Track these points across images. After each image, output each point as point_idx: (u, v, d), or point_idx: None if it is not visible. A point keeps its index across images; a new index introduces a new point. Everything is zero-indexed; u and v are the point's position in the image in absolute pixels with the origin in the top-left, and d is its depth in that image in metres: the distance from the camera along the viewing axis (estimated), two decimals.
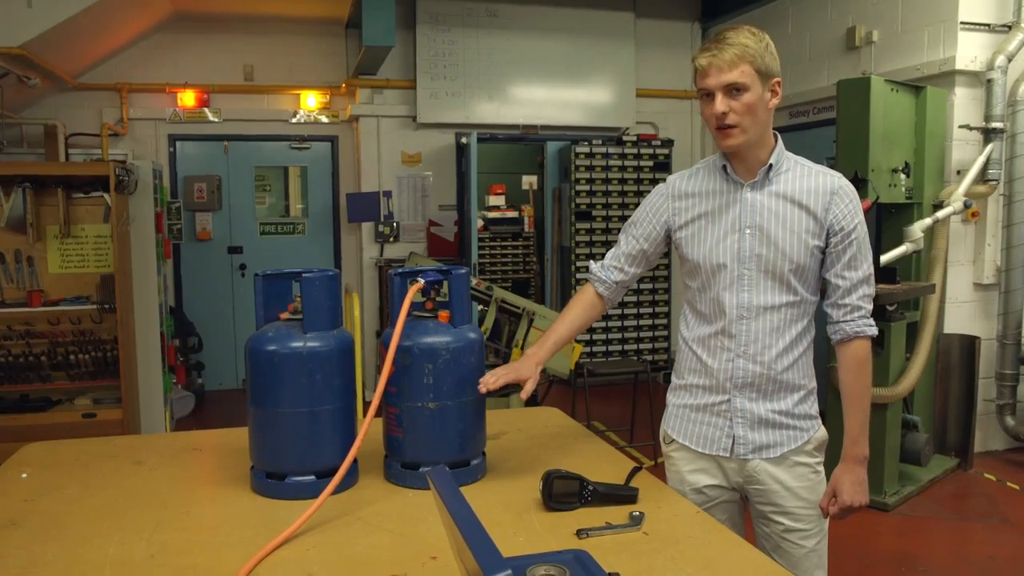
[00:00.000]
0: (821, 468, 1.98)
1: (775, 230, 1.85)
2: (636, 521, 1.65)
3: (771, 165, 1.86)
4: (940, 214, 4.71)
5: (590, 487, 1.74)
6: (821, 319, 1.96)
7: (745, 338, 1.88)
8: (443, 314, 1.90)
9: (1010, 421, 5.21)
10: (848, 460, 1.90)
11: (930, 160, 4.85)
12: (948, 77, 5.15)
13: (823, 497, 1.92)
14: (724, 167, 1.91)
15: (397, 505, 1.77)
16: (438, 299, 1.94)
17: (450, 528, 1.16)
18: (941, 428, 5.14)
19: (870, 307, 1.91)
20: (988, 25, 5.11)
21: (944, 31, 5.19)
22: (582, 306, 2.10)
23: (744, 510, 2.04)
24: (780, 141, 1.90)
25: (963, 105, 5.14)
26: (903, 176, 4.70)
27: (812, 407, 1.97)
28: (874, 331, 1.91)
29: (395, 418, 1.87)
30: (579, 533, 1.60)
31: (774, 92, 1.83)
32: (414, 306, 1.91)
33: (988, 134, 5.01)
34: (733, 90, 1.77)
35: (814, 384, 1.98)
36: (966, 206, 4.82)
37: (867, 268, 1.89)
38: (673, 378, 2.07)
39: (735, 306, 1.88)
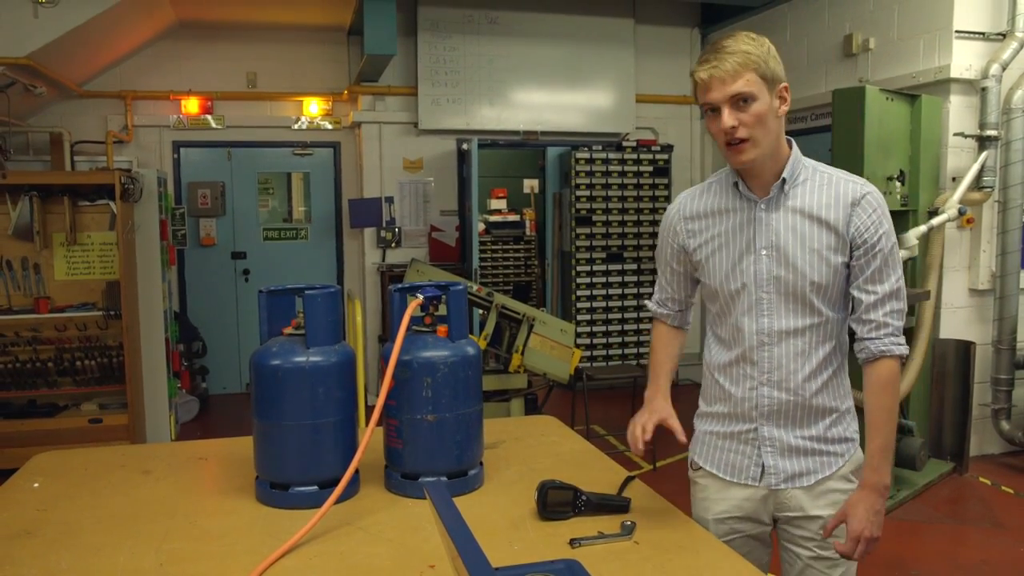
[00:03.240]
0: None
1: (794, 250, 1.74)
2: (627, 530, 1.70)
3: (784, 179, 1.75)
4: (935, 221, 4.77)
5: (583, 497, 1.80)
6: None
7: (768, 365, 1.78)
8: (441, 329, 1.96)
9: (1005, 425, 5.26)
10: (866, 487, 1.74)
11: (925, 168, 4.90)
12: (943, 85, 5.20)
13: (831, 519, 1.76)
14: (736, 184, 1.80)
15: (397, 515, 1.83)
16: (436, 314, 2.00)
17: (445, 540, 1.22)
18: (937, 433, 5.19)
19: (899, 323, 1.75)
20: (983, 34, 5.17)
21: (939, 39, 5.25)
22: (665, 338, 2.02)
23: (771, 544, 1.94)
24: (795, 149, 1.79)
25: (958, 113, 5.19)
26: (898, 184, 4.75)
27: (847, 429, 1.85)
28: (903, 350, 1.75)
29: (395, 430, 1.93)
30: (572, 542, 1.65)
31: (783, 98, 1.73)
32: (413, 320, 1.97)
33: (983, 142, 5.06)
34: (740, 101, 1.66)
35: (849, 404, 1.85)
36: (961, 213, 4.88)
37: (895, 281, 1.74)
38: (700, 403, 1.97)
39: (755, 332, 1.78)
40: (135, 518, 1.81)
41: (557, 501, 1.79)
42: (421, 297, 1.94)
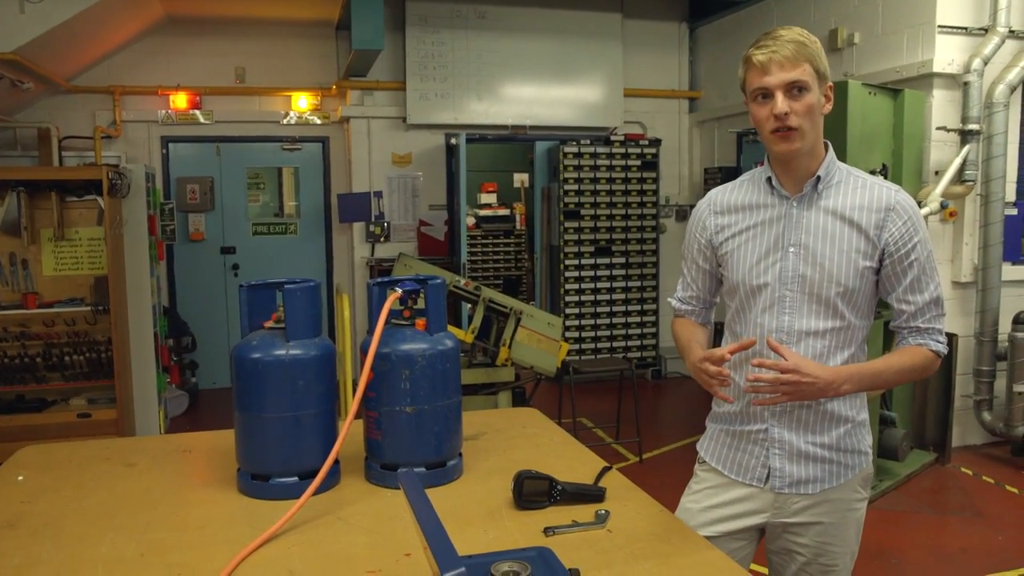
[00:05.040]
0: (862, 505, 1.86)
1: (822, 249, 1.72)
2: (601, 519, 1.74)
3: (819, 177, 1.74)
4: None
5: (559, 487, 1.83)
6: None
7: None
8: (420, 322, 1.99)
9: (987, 416, 5.32)
10: (836, 370, 1.68)
11: (908, 161, 4.94)
12: (926, 79, 5.25)
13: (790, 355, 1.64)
14: (769, 179, 1.79)
15: (375, 505, 1.86)
16: (415, 308, 2.03)
17: (417, 529, 1.25)
18: (920, 424, 5.25)
19: (941, 326, 1.77)
20: (965, 28, 5.21)
21: (922, 34, 5.29)
22: (689, 325, 1.98)
23: (751, 553, 1.91)
24: (831, 151, 1.78)
25: (940, 107, 5.24)
26: (881, 178, 4.79)
27: (860, 441, 1.83)
28: (942, 348, 1.76)
29: (374, 421, 1.96)
30: (546, 531, 1.68)
31: (827, 97, 1.73)
32: (393, 314, 2.00)
33: (965, 136, 5.11)
34: (794, 89, 1.66)
35: (864, 416, 1.84)
36: (943, 206, 4.93)
37: (934, 289, 1.74)
38: (713, 404, 1.97)
39: (773, 330, 1.76)
40: (118, 509, 1.83)
41: (533, 491, 1.82)
42: (400, 291, 1.97)
